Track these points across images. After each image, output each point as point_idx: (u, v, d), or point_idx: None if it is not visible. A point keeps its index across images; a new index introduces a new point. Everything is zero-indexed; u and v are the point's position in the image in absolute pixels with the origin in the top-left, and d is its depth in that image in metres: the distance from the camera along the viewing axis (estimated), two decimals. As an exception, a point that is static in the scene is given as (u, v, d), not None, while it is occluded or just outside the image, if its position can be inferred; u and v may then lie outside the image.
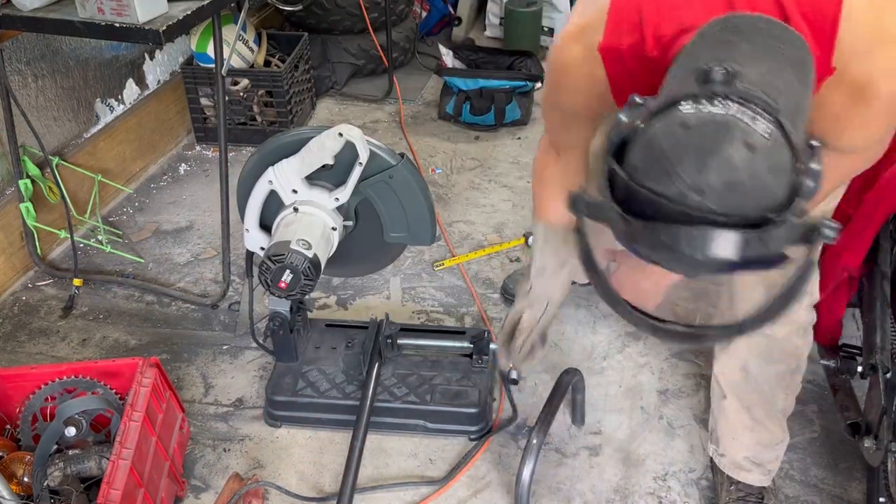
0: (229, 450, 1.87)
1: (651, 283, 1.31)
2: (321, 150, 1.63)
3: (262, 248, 1.75)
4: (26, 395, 1.71)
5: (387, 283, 2.40)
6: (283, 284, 1.62)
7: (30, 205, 2.35)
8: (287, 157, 1.67)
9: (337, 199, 1.69)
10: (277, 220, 1.71)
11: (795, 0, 1.01)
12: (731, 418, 1.61)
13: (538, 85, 3.22)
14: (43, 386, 1.70)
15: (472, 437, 1.87)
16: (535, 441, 1.60)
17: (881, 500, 1.55)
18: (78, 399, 1.65)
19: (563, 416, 1.94)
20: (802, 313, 1.49)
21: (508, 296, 2.30)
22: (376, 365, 1.89)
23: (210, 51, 2.93)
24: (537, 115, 3.26)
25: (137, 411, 1.58)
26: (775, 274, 0.90)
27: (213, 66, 2.94)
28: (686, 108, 0.85)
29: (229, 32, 2.79)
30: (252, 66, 3.08)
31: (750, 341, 1.51)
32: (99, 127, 2.78)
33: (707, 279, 1.09)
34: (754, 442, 1.61)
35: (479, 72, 3.25)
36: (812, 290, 1.48)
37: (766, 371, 1.53)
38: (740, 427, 1.61)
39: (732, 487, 1.68)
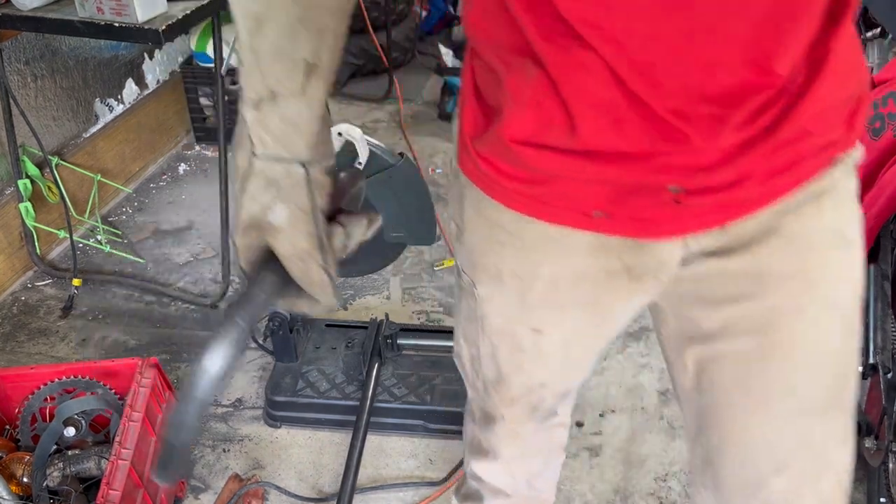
0: (229, 450, 1.87)
1: None
2: (321, 149, 1.63)
3: (262, 248, 1.75)
4: (25, 396, 1.71)
5: (387, 283, 2.40)
6: (282, 284, 1.61)
7: (29, 205, 2.35)
8: (287, 156, 1.66)
9: (337, 198, 1.68)
10: (277, 220, 1.70)
11: None
12: None
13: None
14: (42, 386, 1.70)
15: (472, 437, 1.87)
16: None
17: (882, 500, 1.54)
18: (77, 399, 1.65)
19: (563, 416, 1.94)
20: None
21: None
22: (376, 365, 1.89)
23: (209, 50, 2.92)
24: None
25: (137, 411, 1.58)
26: None
27: (212, 65, 2.94)
28: None
29: (229, 32, 2.78)
30: (252, 65, 3.07)
31: None
32: (98, 127, 2.77)
33: None
34: None
35: (479, 71, 3.25)
36: None
37: None
38: None
39: None
